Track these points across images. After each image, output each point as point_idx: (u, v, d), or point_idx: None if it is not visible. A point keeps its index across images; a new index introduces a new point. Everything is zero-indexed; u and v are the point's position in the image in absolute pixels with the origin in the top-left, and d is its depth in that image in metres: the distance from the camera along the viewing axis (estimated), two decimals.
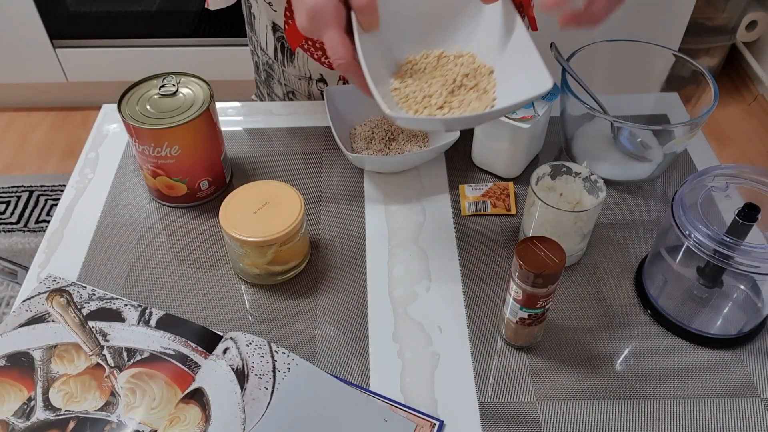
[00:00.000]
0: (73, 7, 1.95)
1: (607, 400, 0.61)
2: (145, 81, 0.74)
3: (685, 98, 0.83)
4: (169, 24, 1.98)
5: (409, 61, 0.64)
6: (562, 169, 0.69)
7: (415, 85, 0.60)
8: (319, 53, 0.86)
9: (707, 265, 0.64)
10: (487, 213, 0.77)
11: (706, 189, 0.63)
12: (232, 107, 0.92)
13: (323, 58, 0.86)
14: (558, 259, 0.55)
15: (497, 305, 0.68)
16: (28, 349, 0.64)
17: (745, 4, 2.11)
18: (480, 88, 0.61)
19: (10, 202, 1.93)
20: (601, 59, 0.81)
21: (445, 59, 0.63)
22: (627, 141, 0.80)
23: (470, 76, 0.61)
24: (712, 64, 2.26)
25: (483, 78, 0.61)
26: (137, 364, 0.62)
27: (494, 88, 0.60)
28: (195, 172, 0.75)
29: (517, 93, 0.56)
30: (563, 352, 0.64)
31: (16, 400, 0.60)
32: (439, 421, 0.59)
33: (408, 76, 0.62)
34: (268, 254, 0.66)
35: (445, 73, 0.62)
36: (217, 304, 0.69)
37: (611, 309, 0.68)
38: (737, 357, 0.64)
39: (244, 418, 0.57)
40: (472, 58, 0.63)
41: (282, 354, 0.62)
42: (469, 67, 0.62)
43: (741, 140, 2.13)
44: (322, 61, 0.87)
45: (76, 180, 0.82)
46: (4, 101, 2.25)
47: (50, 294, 0.68)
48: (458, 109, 0.58)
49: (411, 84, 0.61)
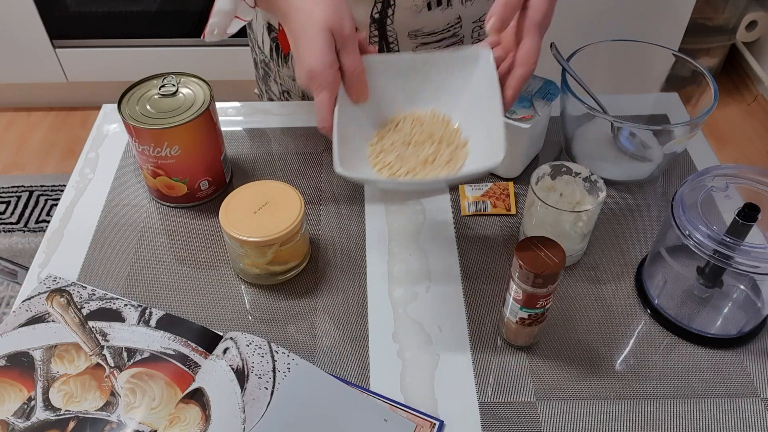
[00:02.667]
0: (73, 7, 1.95)
1: (607, 400, 0.61)
2: (145, 81, 0.74)
3: (685, 98, 0.83)
4: (169, 24, 1.98)
5: (392, 120, 0.65)
6: (562, 169, 0.69)
7: (390, 144, 0.62)
8: None
9: (707, 265, 0.64)
10: (487, 213, 0.77)
11: (706, 189, 0.63)
12: (232, 107, 0.92)
13: None
14: (558, 259, 0.55)
15: (497, 305, 0.68)
16: (28, 349, 0.64)
17: (745, 4, 2.11)
18: (452, 155, 0.62)
19: (10, 202, 1.93)
20: (601, 59, 0.81)
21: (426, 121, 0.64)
22: (627, 141, 0.80)
23: (444, 142, 0.63)
24: (712, 64, 2.26)
25: (457, 146, 0.62)
26: (137, 364, 0.62)
27: (464, 159, 0.61)
28: (195, 172, 0.75)
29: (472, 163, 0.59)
30: (563, 352, 0.64)
31: (16, 400, 0.60)
32: (439, 421, 0.59)
33: (387, 135, 0.63)
34: (268, 254, 0.66)
35: (422, 137, 0.63)
36: (217, 304, 0.69)
37: (611, 309, 0.68)
38: (737, 357, 0.64)
39: (244, 418, 0.57)
40: (450, 124, 0.64)
41: (282, 354, 0.61)
42: (445, 132, 0.63)
43: (741, 140, 2.13)
44: None
45: (76, 180, 0.82)
46: (4, 101, 2.25)
47: (50, 294, 0.68)
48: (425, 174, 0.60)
49: (387, 144, 0.62)
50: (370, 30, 0.81)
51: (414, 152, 0.61)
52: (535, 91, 0.76)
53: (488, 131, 0.58)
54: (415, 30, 0.81)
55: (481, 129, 0.60)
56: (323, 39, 0.57)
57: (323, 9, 0.58)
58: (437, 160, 0.60)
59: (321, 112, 0.58)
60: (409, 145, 0.62)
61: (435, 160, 0.60)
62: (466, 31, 0.84)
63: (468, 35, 0.84)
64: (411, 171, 0.60)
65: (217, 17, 0.66)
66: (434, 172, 0.59)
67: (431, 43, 0.83)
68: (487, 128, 0.58)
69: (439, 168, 0.60)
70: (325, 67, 0.57)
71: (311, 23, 0.58)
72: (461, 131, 0.63)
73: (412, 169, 0.60)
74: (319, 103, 0.58)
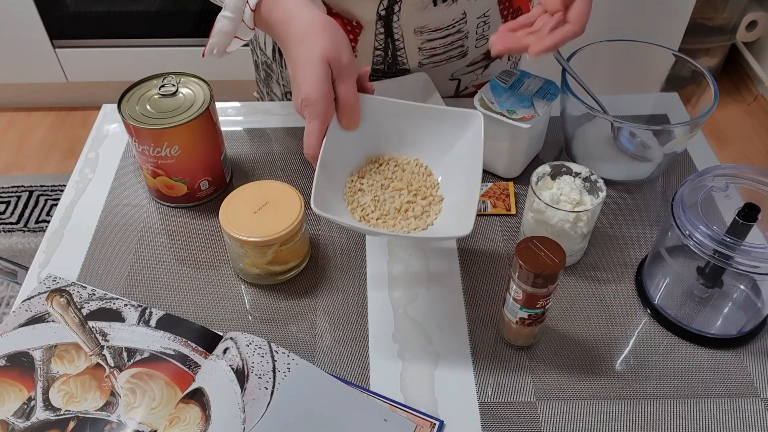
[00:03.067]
0: (73, 7, 1.95)
1: (607, 400, 0.61)
2: (145, 81, 0.74)
3: (685, 98, 0.83)
4: (169, 24, 1.98)
5: (376, 160, 0.66)
6: (562, 169, 0.69)
7: (369, 185, 0.64)
8: None
9: (707, 265, 0.64)
10: (487, 213, 0.77)
11: (706, 189, 0.63)
12: (232, 107, 0.92)
13: None
14: (558, 259, 0.55)
15: (497, 305, 0.68)
16: (28, 349, 0.64)
17: (745, 4, 2.11)
18: (425, 209, 0.63)
19: (10, 202, 1.93)
20: (601, 59, 0.81)
21: (407, 168, 0.66)
22: (627, 141, 0.80)
23: (420, 194, 0.64)
24: (712, 64, 2.26)
25: (431, 202, 0.64)
26: (137, 364, 0.62)
27: (435, 216, 0.62)
28: (195, 172, 0.75)
29: (441, 228, 0.61)
30: (563, 352, 0.64)
31: (16, 400, 0.60)
32: (439, 421, 0.59)
33: (368, 173, 0.65)
34: (268, 254, 0.66)
35: (401, 184, 0.64)
36: (217, 304, 0.69)
37: (611, 309, 0.68)
38: (737, 357, 0.64)
39: (244, 418, 0.57)
40: (430, 177, 0.65)
41: (282, 354, 0.61)
42: (424, 184, 0.64)
43: (741, 140, 2.13)
44: None
45: (76, 180, 0.82)
46: (4, 101, 2.25)
47: (50, 294, 0.68)
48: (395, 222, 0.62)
49: (366, 183, 0.64)
50: (376, 27, 0.81)
51: (390, 197, 0.63)
52: (535, 91, 0.77)
53: (464, 198, 0.60)
54: (420, 26, 0.81)
55: (458, 192, 0.62)
56: (320, 69, 0.59)
57: (322, 40, 0.59)
58: (410, 210, 0.62)
59: (309, 140, 0.60)
60: (386, 189, 0.63)
61: (408, 211, 0.62)
62: (470, 27, 0.84)
63: (473, 31, 0.85)
64: (382, 217, 0.61)
65: (216, 38, 0.67)
66: (404, 222, 0.61)
67: (436, 40, 0.83)
68: (464, 194, 0.60)
69: (410, 219, 0.61)
70: (319, 97, 0.59)
71: (310, 53, 0.59)
72: (439, 186, 0.64)
73: (384, 215, 0.61)
74: (309, 131, 0.60)
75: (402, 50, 0.84)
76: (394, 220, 0.61)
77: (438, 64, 0.87)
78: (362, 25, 0.81)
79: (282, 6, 0.62)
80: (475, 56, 0.88)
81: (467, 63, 0.89)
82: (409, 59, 0.85)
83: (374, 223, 0.61)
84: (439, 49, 0.85)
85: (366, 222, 0.61)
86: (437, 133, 0.64)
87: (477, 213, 0.76)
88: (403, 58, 0.85)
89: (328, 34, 0.60)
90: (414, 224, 0.61)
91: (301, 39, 0.60)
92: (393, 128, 0.65)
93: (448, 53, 0.86)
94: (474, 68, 0.90)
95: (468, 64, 0.89)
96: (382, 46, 0.83)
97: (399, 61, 0.85)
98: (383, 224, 0.61)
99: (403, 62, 0.85)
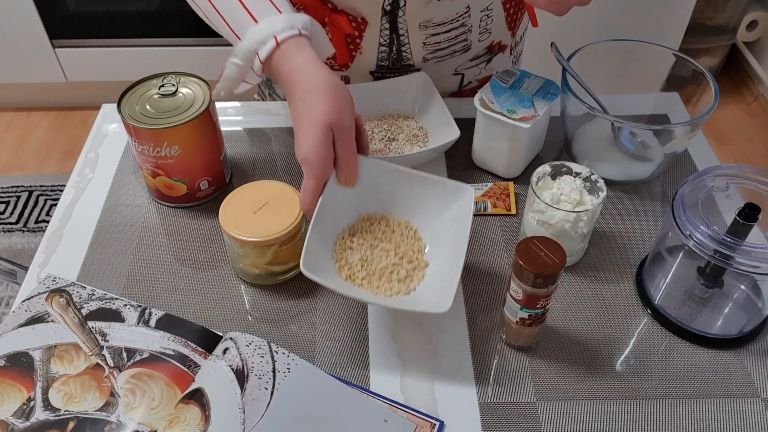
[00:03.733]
0: (73, 7, 1.95)
1: (607, 400, 0.61)
2: (144, 81, 0.74)
3: (685, 98, 0.83)
4: (169, 24, 1.98)
5: (368, 218, 0.68)
6: (562, 169, 0.69)
7: (358, 243, 0.66)
8: None
9: (708, 265, 0.64)
10: (487, 213, 0.77)
11: (707, 189, 0.63)
12: (232, 107, 0.92)
13: None
14: (558, 259, 0.55)
15: (497, 305, 0.68)
16: (28, 350, 0.63)
17: (745, 4, 2.11)
18: (409, 273, 0.65)
19: (9, 202, 1.93)
20: (601, 59, 0.81)
21: (397, 230, 0.68)
22: (627, 141, 0.80)
23: (407, 258, 0.66)
24: (712, 64, 2.26)
25: (416, 267, 0.66)
26: (137, 365, 0.62)
27: (419, 282, 0.65)
28: (195, 172, 0.75)
29: (421, 297, 0.63)
30: (563, 352, 0.64)
31: (15, 400, 0.60)
32: (439, 421, 0.59)
33: (359, 231, 0.67)
34: (268, 254, 0.66)
35: (389, 245, 0.67)
36: (217, 304, 0.69)
37: (611, 309, 0.68)
38: (738, 357, 0.64)
39: (244, 418, 0.57)
40: (418, 241, 0.67)
41: (282, 354, 0.61)
42: (411, 248, 0.67)
43: (741, 140, 2.13)
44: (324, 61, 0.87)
45: (75, 180, 0.82)
46: (4, 101, 2.25)
47: (50, 294, 0.68)
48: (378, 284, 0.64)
49: (356, 242, 0.66)
50: (381, 22, 0.81)
51: (377, 257, 0.65)
52: (535, 91, 0.76)
53: (447, 270, 0.62)
54: (425, 21, 0.82)
55: (443, 261, 0.64)
56: (322, 134, 0.60)
57: (325, 104, 0.61)
58: (395, 273, 0.64)
59: (306, 196, 0.62)
60: (375, 249, 0.66)
61: (392, 273, 0.64)
62: (474, 21, 0.84)
63: (476, 25, 0.85)
64: (367, 277, 0.64)
65: (224, 83, 0.68)
66: (388, 285, 0.64)
67: (440, 34, 0.83)
68: (447, 266, 0.63)
69: (394, 283, 0.64)
70: (318, 159, 0.61)
71: (312, 117, 0.61)
72: (426, 251, 0.66)
73: (369, 275, 0.64)
74: (305, 187, 0.62)
75: (407, 45, 0.84)
76: (379, 281, 0.64)
77: (442, 59, 0.87)
78: (367, 20, 0.81)
79: (291, 62, 0.63)
80: (479, 50, 0.88)
81: (470, 57, 0.89)
82: (413, 54, 0.85)
83: (359, 282, 0.64)
84: (444, 43, 0.85)
85: (352, 281, 0.64)
86: (429, 200, 0.68)
87: (477, 213, 0.77)
88: (408, 54, 0.85)
89: (332, 98, 0.61)
90: (397, 288, 0.64)
91: (306, 100, 0.62)
92: (387, 190, 0.68)
93: (452, 47, 0.86)
94: (477, 62, 0.90)
95: (471, 58, 0.89)
96: (387, 41, 0.83)
97: (404, 56, 0.85)
98: (368, 284, 0.64)
99: (408, 58, 0.86)
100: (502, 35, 0.90)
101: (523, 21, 0.93)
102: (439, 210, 0.67)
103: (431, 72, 0.87)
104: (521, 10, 0.89)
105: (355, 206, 0.68)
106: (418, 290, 0.64)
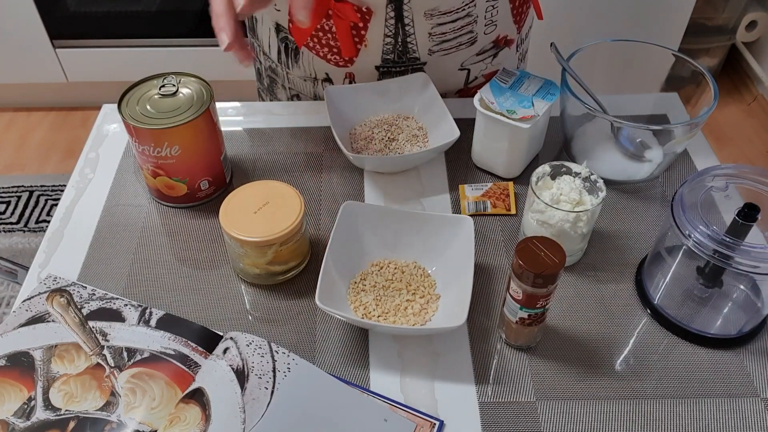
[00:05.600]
0: (73, 7, 1.95)
1: (607, 400, 0.61)
2: (145, 81, 0.74)
3: (685, 98, 0.83)
4: (169, 24, 1.98)
5: (377, 264, 0.70)
6: (562, 169, 0.69)
7: (371, 285, 0.68)
8: (324, 50, 0.86)
9: (707, 265, 0.64)
10: (487, 213, 0.77)
11: (706, 189, 0.63)
12: (232, 107, 0.92)
13: (329, 55, 0.86)
14: (558, 259, 0.55)
15: (497, 305, 0.68)
16: (29, 349, 0.64)
17: (745, 4, 2.11)
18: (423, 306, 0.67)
19: (10, 202, 1.93)
20: (601, 59, 0.81)
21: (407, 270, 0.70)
22: (627, 141, 0.80)
23: (419, 293, 0.68)
24: (712, 64, 2.26)
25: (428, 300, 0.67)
26: (137, 364, 0.62)
27: (433, 313, 0.66)
28: (195, 172, 0.75)
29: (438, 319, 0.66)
30: (563, 352, 0.64)
31: (16, 400, 0.60)
32: (439, 421, 0.59)
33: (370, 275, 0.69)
34: (268, 254, 0.66)
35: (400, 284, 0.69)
36: (217, 304, 0.69)
37: (611, 309, 0.68)
38: (737, 357, 0.64)
39: (244, 418, 0.57)
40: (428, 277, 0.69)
41: (282, 354, 0.62)
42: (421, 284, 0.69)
43: (741, 140, 2.13)
44: (328, 59, 0.87)
45: (76, 180, 0.82)
46: (4, 101, 2.25)
47: (50, 294, 0.68)
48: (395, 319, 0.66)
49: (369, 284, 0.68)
50: (386, 11, 0.81)
51: (390, 296, 0.67)
52: (535, 91, 0.77)
53: (457, 294, 0.65)
54: (431, 9, 0.81)
55: (453, 289, 0.66)
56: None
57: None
58: (409, 308, 0.66)
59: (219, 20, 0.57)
60: (387, 289, 0.68)
61: (407, 308, 0.66)
62: (479, 11, 0.83)
63: (481, 15, 0.84)
64: (383, 314, 0.66)
65: None
66: (404, 319, 0.65)
67: (446, 24, 0.83)
68: (457, 292, 0.65)
69: (410, 316, 0.66)
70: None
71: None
72: (436, 285, 0.69)
73: (385, 312, 0.66)
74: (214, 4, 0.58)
75: (412, 36, 0.83)
76: (395, 317, 0.65)
77: (448, 52, 0.86)
78: (372, 10, 0.81)
79: None
80: (485, 44, 0.88)
81: (476, 51, 0.88)
82: (419, 46, 0.85)
83: (376, 319, 0.65)
84: (449, 34, 0.84)
85: (368, 319, 0.65)
86: (432, 237, 0.70)
87: (477, 213, 0.77)
88: (414, 45, 0.84)
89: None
90: (413, 320, 0.65)
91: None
92: (392, 234, 0.71)
93: (458, 39, 0.85)
94: (483, 57, 0.90)
95: (477, 52, 0.88)
96: (392, 32, 0.82)
97: (409, 48, 0.85)
98: (384, 321, 0.65)
99: (413, 50, 0.85)
100: (508, 29, 0.89)
101: (529, 16, 0.93)
102: (443, 245, 0.70)
103: (437, 67, 0.86)
104: (527, 3, 0.89)
105: (363, 254, 0.70)
106: (434, 320, 0.66)
